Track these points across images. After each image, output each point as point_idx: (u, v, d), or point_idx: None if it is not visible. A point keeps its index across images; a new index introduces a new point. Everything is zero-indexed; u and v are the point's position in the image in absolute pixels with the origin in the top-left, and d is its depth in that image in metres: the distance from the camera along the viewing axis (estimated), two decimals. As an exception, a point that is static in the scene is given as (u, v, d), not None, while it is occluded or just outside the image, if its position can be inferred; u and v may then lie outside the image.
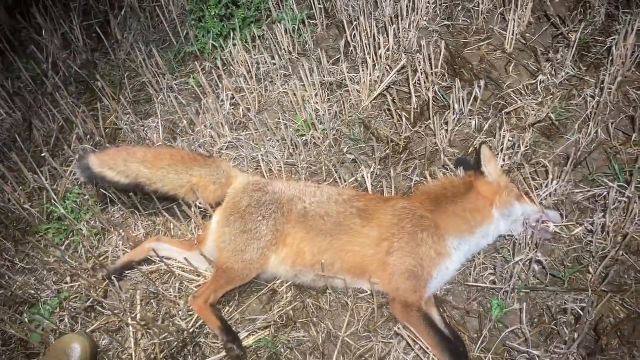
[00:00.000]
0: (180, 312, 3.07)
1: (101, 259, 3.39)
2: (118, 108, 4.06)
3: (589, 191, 3.17)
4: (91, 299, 3.19)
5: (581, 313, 2.69)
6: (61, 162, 3.94)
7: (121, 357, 2.98)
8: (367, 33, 3.85)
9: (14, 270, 3.43)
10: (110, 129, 4.14)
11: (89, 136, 4.06)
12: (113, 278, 3.20)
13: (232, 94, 3.96)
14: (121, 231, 3.43)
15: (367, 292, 2.97)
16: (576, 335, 2.60)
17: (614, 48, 3.66)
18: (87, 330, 3.07)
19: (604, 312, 2.75)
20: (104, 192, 3.44)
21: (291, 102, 3.86)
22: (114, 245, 3.43)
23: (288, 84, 3.94)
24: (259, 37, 4.26)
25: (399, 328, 2.80)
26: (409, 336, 2.73)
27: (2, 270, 3.37)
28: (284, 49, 4.18)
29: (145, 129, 3.97)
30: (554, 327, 2.73)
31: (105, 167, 3.19)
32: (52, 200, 3.65)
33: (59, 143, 4.14)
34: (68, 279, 3.32)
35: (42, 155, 3.88)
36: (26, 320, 3.14)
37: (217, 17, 4.27)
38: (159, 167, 3.16)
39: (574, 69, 3.71)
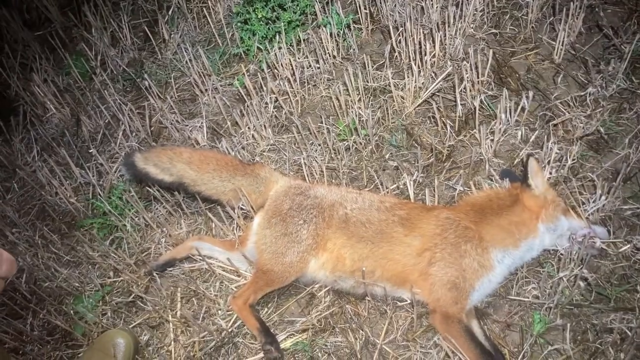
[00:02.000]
0: (219, 311, 3.11)
1: (144, 255, 3.45)
2: (164, 107, 4.13)
3: (638, 208, 3.08)
4: (133, 295, 3.26)
5: (628, 333, 2.62)
6: (107, 158, 4.02)
7: (160, 353, 3.04)
8: (412, 39, 3.83)
9: (59, 263, 3.52)
10: (156, 127, 4.22)
11: (134, 133, 4.13)
12: (155, 274, 3.26)
13: (276, 97, 3.99)
14: (164, 228, 3.48)
15: (406, 300, 2.95)
16: (622, 356, 2.54)
17: (669, 61, 3.56)
18: (130, 326, 3.13)
19: (652, 333, 2.67)
20: (148, 189, 3.50)
21: (334, 106, 3.86)
22: (156, 242, 3.49)
23: (331, 88, 3.94)
24: (304, 40, 4.28)
25: (438, 339, 2.78)
26: (448, 347, 2.71)
27: (49, 262, 3.46)
28: (328, 52, 4.18)
29: (190, 129, 4.02)
30: (598, 345, 2.66)
31: (149, 164, 3.28)
32: (98, 196, 3.74)
33: (105, 139, 4.23)
34: (111, 273, 3.40)
35: (89, 151, 3.97)
36: (70, 312, 3.23)
37: (263, 19, 4.30)
38: (205, 171, 3.22)
39: (625, 81, 3.60)
